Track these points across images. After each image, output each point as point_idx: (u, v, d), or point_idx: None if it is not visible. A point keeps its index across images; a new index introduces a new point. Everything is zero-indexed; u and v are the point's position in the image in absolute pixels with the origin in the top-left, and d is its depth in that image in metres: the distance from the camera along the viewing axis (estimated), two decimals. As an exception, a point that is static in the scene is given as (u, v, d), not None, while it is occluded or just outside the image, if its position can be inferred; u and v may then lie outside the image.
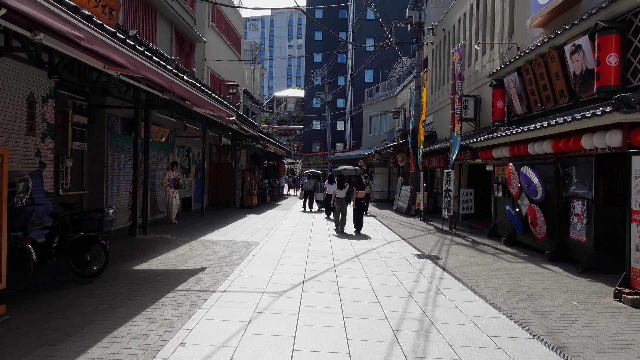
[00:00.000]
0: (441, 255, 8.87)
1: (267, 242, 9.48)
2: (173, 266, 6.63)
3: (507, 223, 10.61)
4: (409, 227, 13.90)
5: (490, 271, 7.51)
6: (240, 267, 6.78)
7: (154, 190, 12.46)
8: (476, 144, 12.20)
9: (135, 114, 9.16)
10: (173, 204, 11.93)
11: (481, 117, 14.59)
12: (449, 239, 11.30)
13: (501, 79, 11.95)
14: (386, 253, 8.80)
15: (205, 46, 17.93)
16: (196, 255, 7.58)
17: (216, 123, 14.12)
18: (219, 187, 18.11)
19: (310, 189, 18.74)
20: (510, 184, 10.08)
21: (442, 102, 19.05)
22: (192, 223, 12.16)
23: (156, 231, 10.23)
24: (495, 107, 12.15)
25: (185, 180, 15.11)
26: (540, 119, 10.18)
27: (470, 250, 9.59)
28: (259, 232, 11.02)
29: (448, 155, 15.28)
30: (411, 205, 18.12)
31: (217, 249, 8.30)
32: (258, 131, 18.65)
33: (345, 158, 38.69)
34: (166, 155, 13.28)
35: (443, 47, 19.32)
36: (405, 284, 6.28)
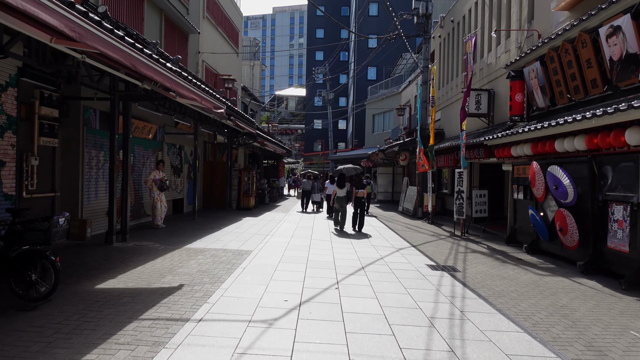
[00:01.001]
0: (458, 266, 7.80)
1: (261, 250, 8.42)
2: (145, 283, 5.57)
3: (529, 229, 9.53)
4: (417, 231, 12.82)
5: (518, 287, 6.44)
6: (226, 284, 5.72)
7: (139, 191, 11.42)
8: (492, 141, 11.12)
9: (112, 106, 8.12)
10: (159, 207, 10.88)
11: (495, 112, 13.50)
12: (464, 246, 10.23)
13: (520, 70, 10.87)
14: (396, 264, 7.73)
15: (199, 38, 16.88)
16: (176, 268, 6.52)
17: (209, 119, 13.08)
18: (213, 187, 17.07)
19: (308, 189, 18.31)
20: (534, 185, 9.00)
21: (451, 98, 17.98)
22: (181, 227, 11.11)
23: (138, 237, 9.18)
24: (513, 100, 11.06)
25: (176, 181, 14.08)
26: (567, 113, 9.10)
27: (489, 260, 8.52)
28: (253, 238, 9.96)
29: (459, 153, 14.21)
30: (418, 207, 17.05)
31: (203, 259, 7.24)
32: (256, 128, 17.60)
33: (347, 157, 37.61)
34: (154, 153, 12.24)
35: (452, 40, 18.24)
36: (422, 306, 5.21)
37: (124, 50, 4.50)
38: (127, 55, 4.56)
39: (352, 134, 44.74)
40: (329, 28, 56.72)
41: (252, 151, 24.04)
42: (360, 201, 12.12)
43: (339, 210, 12.11)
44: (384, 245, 9.87)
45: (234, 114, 13.11)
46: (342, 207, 12.09)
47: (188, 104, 7.95)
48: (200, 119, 12.72)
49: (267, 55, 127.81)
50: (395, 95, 30.96)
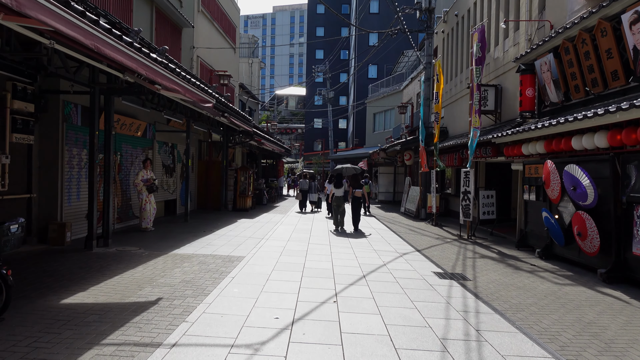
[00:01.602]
0: (468, 274, 7.17)
1: (254, 256, 7.79)
2: (119, 297, 4.94)
3: (542, 232, 8.89)
4: (421, 234, 12.18)
5: (537, 299, 5.80)
6: (210, 297, 5.09)
7: (127, 192, 10.79)
8: (501, 139, 10.48)
9: (91, 100, 7.48)
10: (147, 209, 10.25)
11: (502, 109, 12.86)
12: (471, 250, 9.60)
13: (531, 63, 10.23)
14: (400, 271, 7.09)
15: (194, 33, 16.25)
16: (158, 278, 5.89)
17: (203, 116, 12.46)
18: (209, 188, 16.43)
19: (306, 188, 18.00)
20: (548, 186, 8.35)
21: (455, 95, 17.34)
22: (171, 230, 10.48)
23: (122, 242, 8.55)
24: (523, 95, 10.42)
25: (168, 181, 13.45)
26: (584, 108, 8.46)
27: (501, 267, 7.88)
28: (247, 242, 9.33)
29: (465, 152, 13.57)
30: (421, 208, 16.41)
31: (189, 267, 6.61)
32: (252, 126, 16.96)
33: (348, 157, 36.98)
34: (144, 152, 11.60)
35: (455, 35, 17.60)
36: (432, 323, 4.58)
37: (83, 28, 3.87)
38: (87, 34, 3.93)
39: (352, 133, 44.10)
40: (330, 27, 56.06)
41: (249, 150, 23.41)
42: (358, 201, 12.34)
43: (337, 209, 12.16)
44: (386, 249, 9.23)
45: (228, 111, 12.47)
46: (340, 206, 12.13)
47: (172, 96, 7.32)
48: (193, 116, 12.09)
49: (267, 55, 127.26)
50: (397, 93, 30.31)
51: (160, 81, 5.78)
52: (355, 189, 12.60)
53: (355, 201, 12.41)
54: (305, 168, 47.98)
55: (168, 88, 6.15)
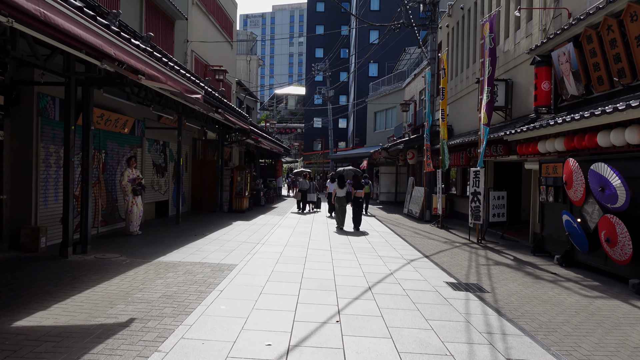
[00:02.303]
0: (484, 284, 6.45)
1: (247, 264, 7.06)
2: (84, 318, 4.21)
3: (562, 237, 8.17)
4: (427, 237, 11.46)
5: (567, 315, 5.08)
6: (192, 317, 4.36)
7: (112, 193, 10.06)
8: (514, 136, 9.76)
9: (66, 91, 6.75)
10: (134, 212, 9.51)
11: (513, 104, 12.14)
12: (483, 256, 8.88)
13: (548, 54, 9.51)
14: (409, 282, 6.37)
15: (188, 26, 15.52)
16: (135, 292, 5.16)
17: (196, 112, 11.73)
18: (203, 188, 15.70)
19: (306, 188, 17.69)
20: (570, 187, 7.63)
21: (461, 92, 16.62)
22: (160, 234, 9.74)
23: (104, 248, 7.81)
24: (538, 89, 9.70)
25: (159, 181, 12.71)
26: (609, 101, 7.74)
27: (519, 275, 7.16)
28: (241, 247, 8.60)
29: (474, 150, 12.86)
30: (425, 210, 15.69)
31: (173, 278, 5.88)
32: (249, 124, 16.24)
33: (348, 156, 36.28)
34: (132, 150, 10.87)
35: (461, 29, 16.88)
36: (453, 349, 3.85)
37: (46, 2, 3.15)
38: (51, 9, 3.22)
39: (352, 132, 43.39)
40: (329, 25, 55.35)
41: (247, 149, 22.69)
42: (358, 201, 12.57)
43: (339, 209, 12.53)
44: (392, 255, 8.50)
45: (222, 107, 11.75)
46: (342, 206, 12.54)
47: (154, 86, 6.58)
48: (185, 112, 11.36)
49: (266, 55, 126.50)
50: (399, 91, 29.59)
51: (140, 66, 5.06)
52: (356, 190, 12.79)
53: (356, 201, 12.55)
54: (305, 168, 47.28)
55: (149, 76, 5.42)
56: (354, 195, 12.60)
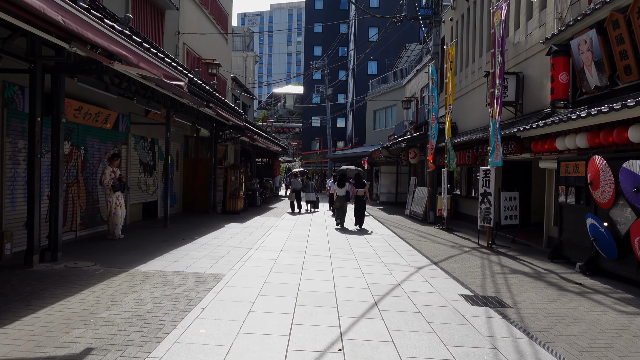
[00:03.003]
0: (504, 297, 5.70)
1: (237, 273, 6.29)
2: (29, 348, 3.43)
3: (585, 242, 7.42)
4: (433, 241, 10.71)
5: (609, 338, 4.33)
6: (164, 346, 3.59)
7: (94, 193, 9.28)
8: (528, 132, 9.02)
9: (31, 79, 5.97)
10: (118, 214, 8.73)
11: (524, 99, 11.40)
12: (497, 263, 8.13)
13: (566, 43, 8.78)
14: (420, 295, 5.61)
15: (179, 17, 14.74)
16: (101, 310, 4.38)
17: (186, 107, 10.96)
18: (196, 188, 14.92)
19: (298, 188, 17.39)
20: (597, 187, 6.88)
21: (466, 87, 15.88)
22: (144, 239, 8.96)
23: (78, 254, 7.03)
24: (555, 81, 8.96)
25: (147, 181, 11.92)
26: (637, 92, 7.00)
27: (540, 286, 6.41)
28: (231, 253, 7.83)
29: (481, 149, 12.12)
30: (429, 211, 14.94)
31: (149, 292, 5.10)
32: (244, 121, 15.46)
33: (347, 156, 35.53)
34: (116, 147, 10.09)
35: (466, 22, 16.14)
36: (486, 391, 3.09)
37: None
38: None
39: (351, 131, 42.64)
40: (328, 22, 54.56)
41: (243, 148, 21.90)
42: (361, 200, 12.57)
43: (340, 208, 12.73)
44: (397, 262, 7.74)
45: (214, 101, 10.98)
46: (342, 205, 12.72)
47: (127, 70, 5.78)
48: (174, 106, 10.59)
49: (264, 54, 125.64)
50: (399, 89, 28.85)
51: (107, 44, 4.28)
52: (358, 189, 12.76)
53: (358, 200, 12.59)
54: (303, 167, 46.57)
55: (120, 56, 4.64)
56: (355, 194, 12.71)
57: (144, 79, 7.39)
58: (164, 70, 5.45)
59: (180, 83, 5.87)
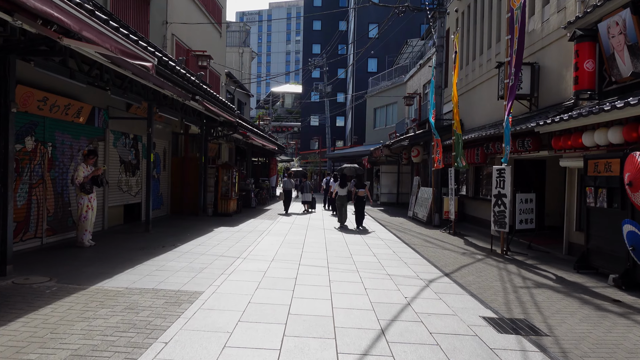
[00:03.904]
0: (536, 321, 4.75)
1: (217, 290, 5.33)
2: None
3: (618, 251, 6.49)
4: (440, 246, 9.77)
5: (682, 383, 3.38)
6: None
7: (64, 195, 8.32)
8: (549, 127, 8.08)
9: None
10: (89, 218, 7.78)
11: (540, 92, 10.47)
12: (516, 274, 7.18)
13: (593, 27, 7.84)
14: (435, 318, 4.66)
15: (167, 6, 13.77)
16: (33, 347, 3.43)
17: (169, 99, 10.01)
18: (185, 189, 13.95)
19: (289, 188, 16.99)
20: (637, 188, 5.93)
21: (472, 82, 14.94)
22: (119, 246, 7.99)
23: (34, 267, 6.07)
24: (580, 69, 8.01)
25: (130, 181, 10.96)
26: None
27: (574, 305, 5.47)
28: (215, 264, 6.87)
29: (492, 146, 11.19)
30: (434, 213, 13.99)
31: (104, 319, 4.15)
32: (237, 117, 14.51)
33: (346, 155, 34.59)
34: (91, 143, 9.12)
35: (473, 13, 15.22)
36: None
37: None
38: None
39: (351, 130, 41.68)
40: (327, 20, 53.67)
41: (237, 146, 20.95)
42: (361, 200, 12.75)
43: (340, 208, 12.99)
44: (404, 274, 6.80)
45: (200, 93, 10.02)
46: (343, 205, 12.95)
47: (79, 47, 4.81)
48: (157, 99, 9.63)
49: (262, 53, 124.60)
50: (400, 85, 27.90)
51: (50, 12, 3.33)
52: (358, 189, 12.91)
53: (358, 200, 12.71)
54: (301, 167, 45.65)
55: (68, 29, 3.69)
56: (356, 195, 12.77)
57: (114, 64, 6.44)
58: (122, 46, 4.49)
59: (146, 64, 4.91)
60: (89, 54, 5.52)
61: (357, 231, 11.79)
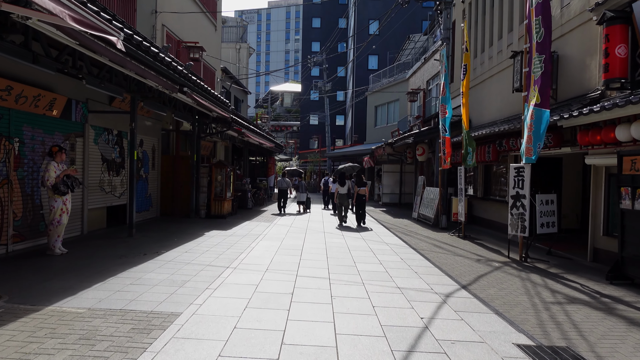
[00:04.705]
0: (581, 350, 3.93)
1: (198, 310, 4.48)
2: None
3: (664, 261, 5.65)
4: (452, 252, 8.93)
5: None
6: None
7: (36, 197, 7.47)
8: (575, 120, 7.25)
9: None
10: (63, 222, 6.94)
11: (559, 84, 9.63)
12: (543, 285, 6.34)
13: (625, 7, 7.00)
14: (460, 347, 3.82)
15: (157, -6, 12.92)
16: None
17: (154, 92, 9.17)
18: (176, 189, 13.11)
19: (284, 188, 16.45)
20: (690, 189, 5.09)
21: (481, 75, 14.10)
22: (94, 254, 7.14)
23: (-10, 281, 5.22)
24: (611, 56, 7.17)
25: (113, 181, 10.12)
26: None
27: (620, 326, 4.63)
28: (200, 276, 6.02)
29: (506, 143, 10.36)
30: (441, 215, 13.15)
31: (49, 355, 3.30)
32: (232, 113, 13.66)
33: (346, 154, 33.73)
34: (67, 139, 8.28)
35: (481, 2, 14.37)
36: None
37: None
38: None
39: (351, 128, 40.82)
40: (326, 17, 52.79)
41: (234, 145, 20.09)
42: (362, 199, 12.87)
43: (341, 206, 13.12)
44: (416, 287, 5.95)
45: (189, 85, 9.17)
46: (344, 203, 13.08)
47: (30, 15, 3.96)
48: (141, 91, 8.79)
49: (262, 52, 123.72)
50: (402, 82, 27.04)
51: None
52: (359, 188, 12.89)
53: (358, 199, 12.85)
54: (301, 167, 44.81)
55: None
56: (357, 193, 12.80)
57: (84, 47, 5.58)
58: (77, 14, 3.60)
59: (110, 38, 4.05)
60: (47, 30, 4.65)
61: (360, 236, 10.95)
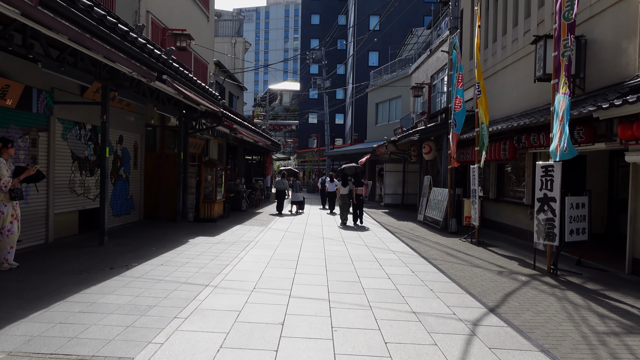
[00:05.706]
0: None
1: (157, 353, 3.40)
2: None
3: None
4: (468, 262, 7.85)
5: None
6: None
7: (-17, 200, 6.36)
8: (618, 110, 6.17)
9: None
10: (15, 231, 5.85)
11: (588, 71, 8.56)
12: (586, 307, 5.27)
13: (679, -24, 5.92)
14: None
15: (141, -22, 11.82)
16: None
17: (129, 80, 8.07)
18: (161, 190, 12.02)
19: (282, 188, 16.15)
20: None
21: (494, 66, 13.03)
22: (50, 268, 6.05)
23: None
24: (661, 34, 6.09)
25: (86, 181, 9.03)
26: None
27: None
28: (171, 297, 4.94)
29: (526, 138, 9.29)
30: (450, 218, 12.07)
31: None
32: (222, 107, 12.56)
33: (346, 153, 32.65)
34: (28, 134, 7.18)
35: (493, -13, 13.29)
36: None
37: None
38: None
39: (351, 127, 39.72)
40: (325, 13, 51.70)
41: (228, 143, 19.00)
42: (359, 198, 13.11)
43: (343, 206, 13.35)
44: (435, 311, 4.86)
45: (170, 73, 8.08)
46: (345, 203, 13.30)
47: None
48: (114, 79, 7.68)
49: (260, 51, 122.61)
50: (404, 78, 25.95)
51: None
52: (357, 187, 13.05)
53: (357, 198, 13.02)
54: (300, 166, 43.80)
55: None
56: (355, 193, 12.98)
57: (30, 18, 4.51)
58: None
59: None
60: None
61: (363, 242, 9.87)
